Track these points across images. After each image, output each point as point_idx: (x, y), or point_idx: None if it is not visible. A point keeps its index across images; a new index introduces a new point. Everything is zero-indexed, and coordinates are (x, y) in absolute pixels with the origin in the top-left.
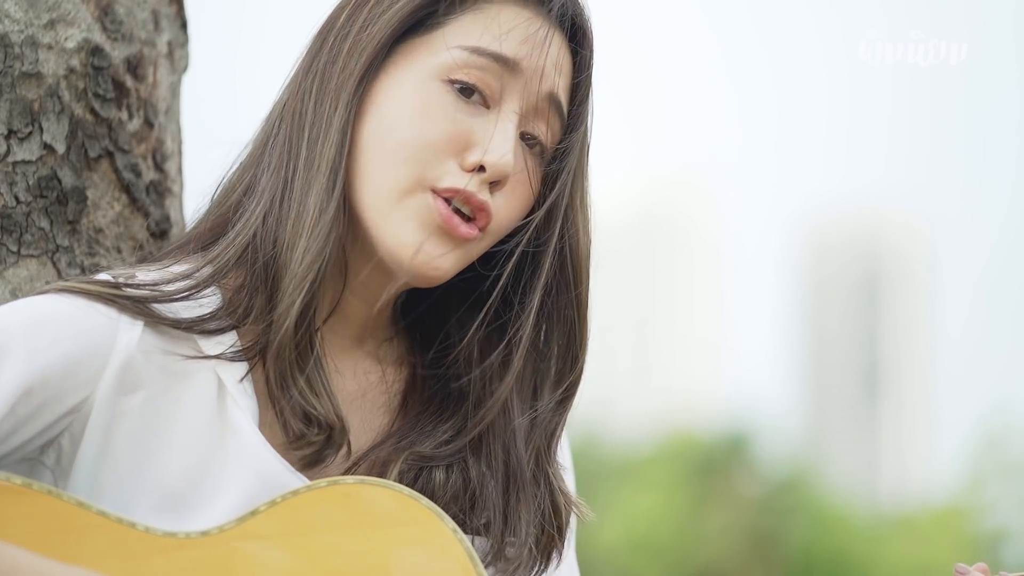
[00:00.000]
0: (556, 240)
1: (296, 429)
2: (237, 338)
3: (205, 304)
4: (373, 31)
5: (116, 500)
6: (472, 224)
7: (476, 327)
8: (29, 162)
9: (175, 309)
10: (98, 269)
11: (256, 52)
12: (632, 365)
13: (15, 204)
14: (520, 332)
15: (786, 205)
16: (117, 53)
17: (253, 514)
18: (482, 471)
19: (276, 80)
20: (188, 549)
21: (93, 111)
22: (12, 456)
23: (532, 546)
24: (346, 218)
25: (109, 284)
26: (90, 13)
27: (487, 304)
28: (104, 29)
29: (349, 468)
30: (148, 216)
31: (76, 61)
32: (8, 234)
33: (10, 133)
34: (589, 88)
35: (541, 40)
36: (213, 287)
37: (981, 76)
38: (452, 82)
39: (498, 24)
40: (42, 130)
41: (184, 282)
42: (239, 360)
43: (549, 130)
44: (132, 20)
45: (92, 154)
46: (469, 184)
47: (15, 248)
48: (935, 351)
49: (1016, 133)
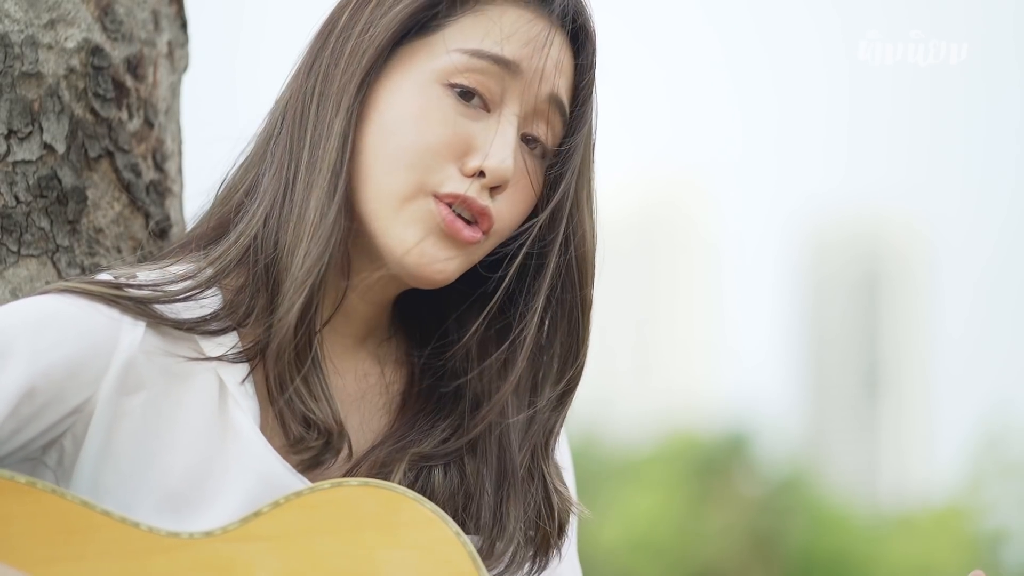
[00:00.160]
0: (561, 241)
1: (296, 432)
2: (238, 339)
3: (206, 305)
4: (374, 33)
5: (118, 500)
6: (475, 228)
7: (477, 327)
8: (29, 162)
9: (176, 310)
10: (98, 269)
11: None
12: (632, 365)
13: (15, 204)
14: (524, 333)
15: (786, 205)
16: (117, 53)
17: (256, 515)
18: (476, 468)
19: (276, 80)
20: (191, 549)
21: (93, 111)
22: (14, 456)
23: (523, 544)
24: (348, 221)
25: (111, 284)
26: (90, 13)
27: (490, 304)
28: (104, 29)
29: (350, 469)
30: (148, 216)
31: (76, 61)
32: (8, 234)
33: (10, 133)
34: (592, 88)
35: (542, 41)
36: (214, 288)
37: (981, 76)
38: (452, 86)
39: (498, 26)
40: (42, 130)
41: (186, 283)
42: (240, 361)
43: (551, 131)
44: (132, 20)
45: (92, 154)
46: (469, 190)
47: (15, 248)
48: (935, 351)
49: (1016, 133)
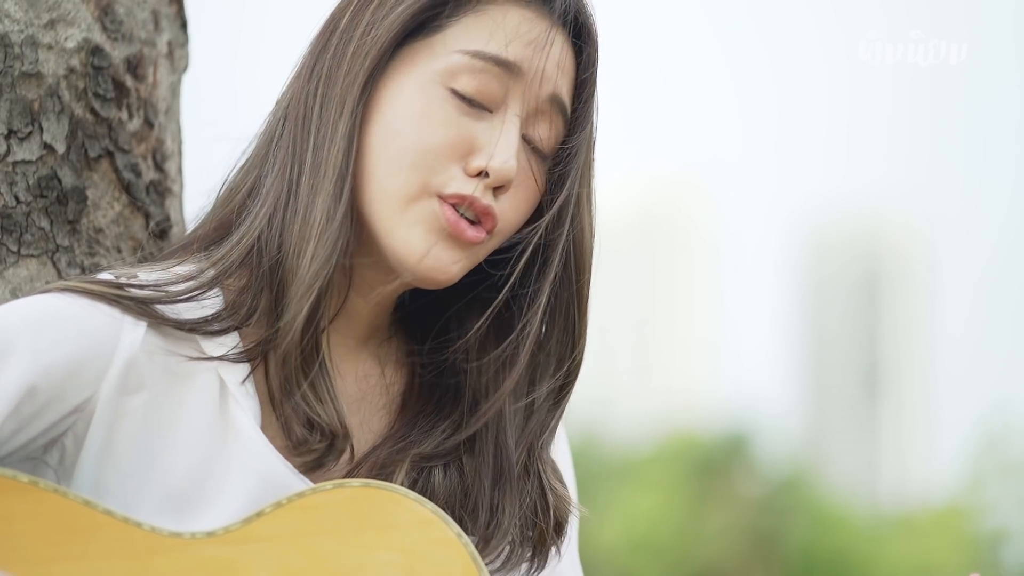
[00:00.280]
0: (565, 240)
1: (299, 435)
2: (239, 339)
3: (207, 305)
4: (376, 34)
5: (119, 500)
6: (478, 228)
7: (480, 324)
8: (29, 162)
9: (178, 310)
10: (98, 269)
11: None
12: (632, 365)
13: (15, 204)
14: (528, 329)
15: (786, 205)
16: (117, 53)
17: (259, 515)
18: (474, 467)
19: (276, 80)
20: (193, 549)
21: (93, 111)
22: (16, 455)
23: (520, 542)
24: (353, 224)
25: (112, 284)
26: (90, 13)
27: (494, 303)
28: (104, 29)
29: (351, 470)
30: (148, 216)
31: (76, 61)
32: (8, 234)
33: (10, 133)
34: (594, 87)
35: (543, 41)
36: (215, 288)
37: (981, 76)
38: (454, 87)
39: (500, 26)
40: (42, 130)
41: (187, 283)
42: (241, 361)
43: (553, 131)
44: (132, 20)
45: (92, 154)
46: (472, 188)
47: (15, 248)
48: (935, 351)
49: (1016, 133)
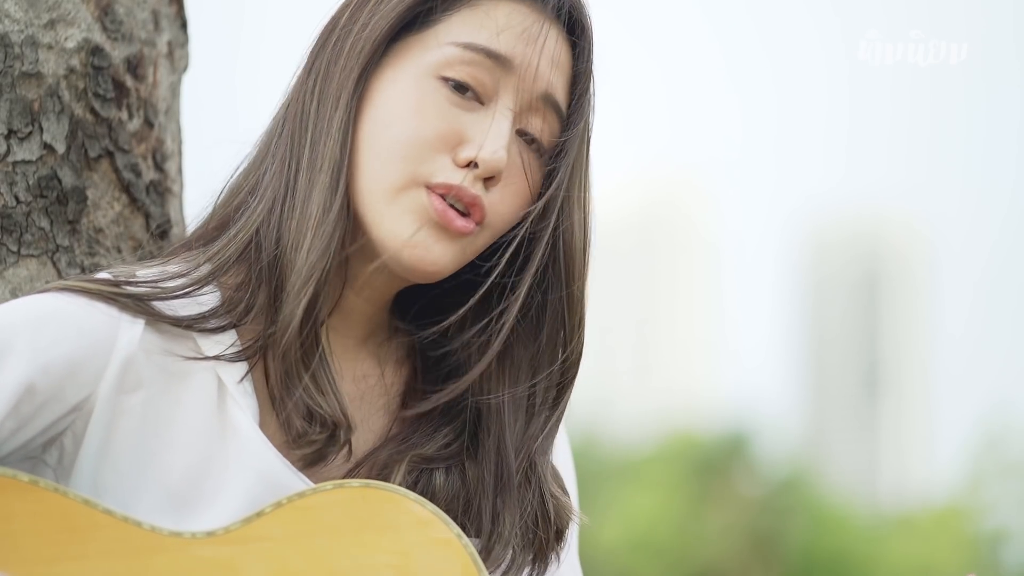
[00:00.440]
0: (550, 233)
1: (298, 427)
2: (236, 337)
3: (204, 302)
4: (371, 30)
5: (118, 499)
6: (467, 219)
7: (463, 312)
8: (29, 162)
9: (174, 307)
10: (98, 269)
11: (256, 52)
12: (632, 365)
13: (15, 204)
14: (504, 318)
15: (786, 205)
16: (117, 53)
17: (259, 515)
18: (477, 473)
19: (276, 80)
20: (193, 549)
21: (93, 111)
22: (15, 455)
23: (520, 549)
24: (349, 217)
25: (109, 283)
26: (90, 13)
27: (476, 294)
28: (104, 29)
29: (351, 470)
30: (148, 216)
31: (76, 61)
32: (8, 234)
33: (10, 133)
34: (589, 82)
35: (535, 36)
36: (212, 285)
37: (981, 76)
38: (445, 79)
39: (492, 20)
40: (42, 130)
41: (183, 279)
42: (239, 360)
43: (547, 127)
44: (132, 20)
45: (92, 154)
46: (461, 178)
47: (15, 248)
48: (935, 351)
49: (1016, 133)
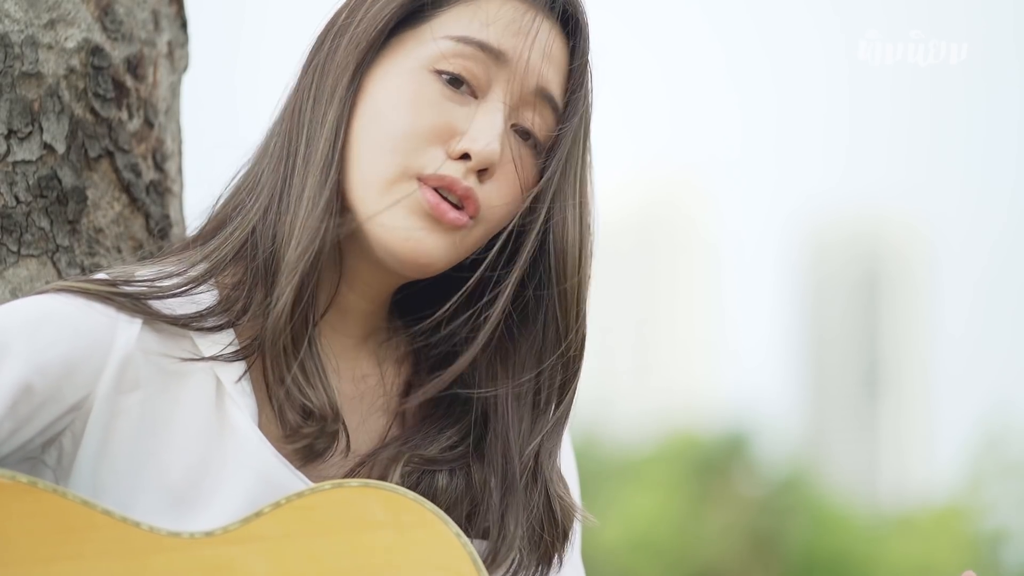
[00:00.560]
0: (539, 228)
1: (293, 422)
2: (234, 336)
3: (201, 301)
4: (366, 26)
5: (116, 499)
6: (461, 212)
7: (451, 303)
8: (29, 162)
9: (171, 306)
10: (98, 269)
11: (256, 52)
12: (632, 365)
13: (15, 204)
14: (491, 309)
15: (786, 205)
16: (117, 53)
17: (257, 515)
18: (485, 476)
19: (276, 80)
20: (192, 549)
21: (93, 111)
22: (14, 455)
23: (527, 550)
24: (338, 210)
25: (106, 283)
26: (90, 13)
27: (465, 286)
28: (104, 29)
29: (351, 470)
30: (148, 216)
31: (76, 61)
32: (8, 234)
33: (10, 133)
34: (585, 77)
35: (528, 29)
36: (209, 284)
37: (981, 76)
38: (439, 72)
39: (486, 14)
40: (42, 130)
41: (179, 278)
42: (237, 359)
43: (542, 121)
44: (132, 20)
45: (92, 154)
46: (454, 170)
47: (15, 248)
48: (935, 351)
49: (1016, 133)
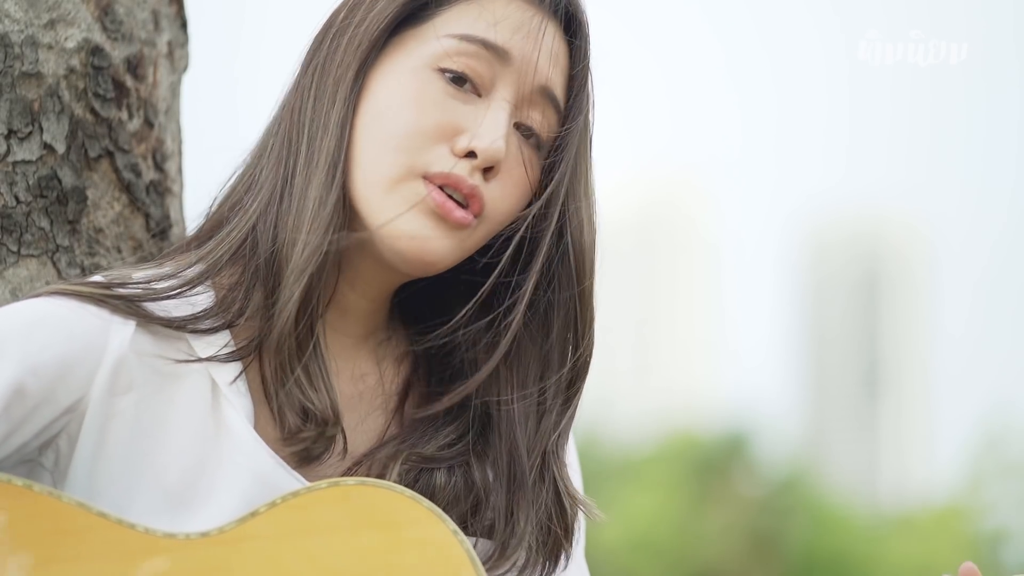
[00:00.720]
0: (554, 230)
1: (292, 424)
2: (230, 337)
3: (197, 303)
4: (368, 26)
5: (112, 500)
6: (466, 211)
7: (466, 309)
8: (29, 162)
9: (167, 307)
10: (98, 269)
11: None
12: (632, 365)
13: (15, 204)
14: (510, 316)
15: (786, 205)
16: (117, 53)
17: (253, 515)
18: (486, 474)
19: (276, 80)
20: (188, 550)
21: (93, 111)
22: (11, 458)
23: (536, 548)
24: (346, 211)
25: (100, 285)
26: (90, 13)
27: (480, 290)
28: (104, 29)
29: (348, 470)
30: (148, 216)
31: (76, 61)
32: (8, 234)
33: (10, 133)
34: (586, 78)
35: (533, 31)
36: (206, 285)
37: (981, 76)
38: (443, 71)
39: (489, 13)
40: (42, 130)
41: (175, 280)
42: (233, 360)
43: (545, 120)
44: (132, 20)
45: (92, 154)
46: (460, 168)
47: (15, 248)
48: (935, 351)
49: (1016, 133)
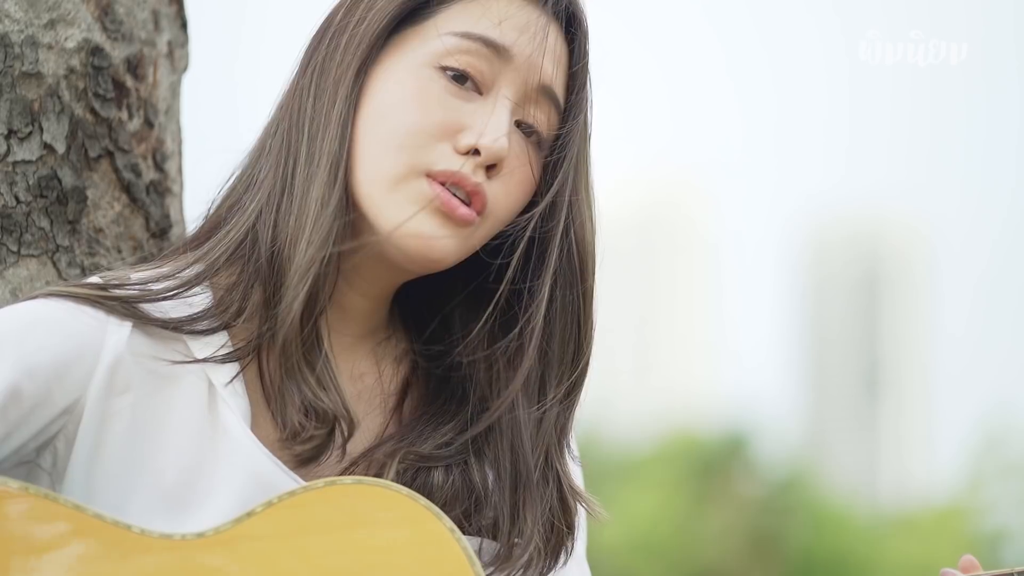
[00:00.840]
0: (562, 229)
1: (295, 424)
2: (228, 338)
3: (195, 303)
4: (368, 24)
5: (110, 501)
6: (469, 208)
7: (484, 320)
8: (29, 162)
9: (164, 308)
10: (98, 269)
11: (256, 52)
12: (632, 365)
13: (15, 204)
14: (532, 323)
15: (786, 205)
16: (117, 53)
17: (249, 515)
18: (485, 472)
19: (276, 80)
20: (184, 550)
21: (93, 111)
22: (9, 460)
23: (540, 545)
24: (348, 210)
25: (97, 287)
26: (90, 13)
27: (496, 295)
28: (104, 29)
29: (346, 469)
30: (148, 216)
31: (76, 61)
32: (8, 234)
33: (10, 133)
34: (586, 77)
35: (535, 29)
36: (203, 286)
37: (981, 76)
38: (444, 69)
39: (491, 11)
40: (42, 130)
41: (172, 280)
42: (230, 361)
43: (546, 119)
44: (132, 20)
45: (92, 154)
46: (464, 166)
47: (15, 248)
48: (935, 351)
49: (1016, 133)
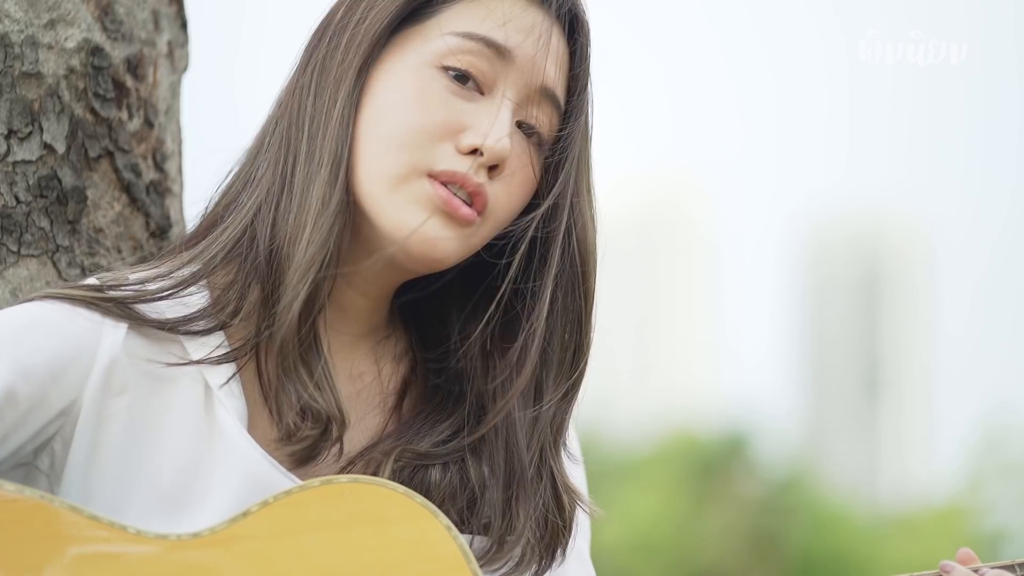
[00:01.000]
0: (564, 230)
1: (291, 424)
2: (224, 338)
3: (191, 303)
4: (370, 23)
5: (107, 502)
6: (471, 208)
7: (485, 321)
8: (29, 162)
9: (160, 309)
10: (98, 269)
11: (256, 52)
12: (632, 365)
13: (15, 204)
14: (535, 324)
15: (786, 205)
16: (117, 53)
17: (245, 515)
18: (482, 470)
19: (276, 80)
20: (179, 551)
21: (93, 111)
22: (7, 462)
23: (534, 543)
24: (349, 209)
25: (92, 288)
26: (90, 13)
27: (498, 296)
28: (104, 29)
29: (344, 468)
30: (148, 216)
31: (76, 61)
32: (8, 234)
33: (10, 133)
34: (587, 77)
35: (539, 32)
36: (200, 285)
37: (981, 76)
38: (446, 68)
39: (493, 11)
40: (42, 130)
41: (168, 280)
42: (227, 361)
43: (547, 120)
44: (132, 20)
45: (92, 154)
46: (464, 166)
47: (15, 248)
48: (935, 351)
49: (1016, 133)
